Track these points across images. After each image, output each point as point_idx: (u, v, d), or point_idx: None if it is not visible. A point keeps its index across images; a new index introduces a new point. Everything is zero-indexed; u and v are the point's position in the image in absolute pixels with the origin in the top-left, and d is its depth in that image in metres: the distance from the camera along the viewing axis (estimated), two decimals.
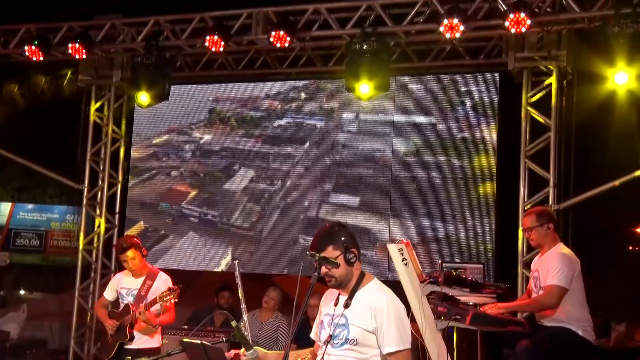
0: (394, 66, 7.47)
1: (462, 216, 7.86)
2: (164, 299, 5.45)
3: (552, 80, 7.05)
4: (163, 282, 5.74)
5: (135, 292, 5.74)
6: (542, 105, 7.16)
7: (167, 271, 6.05)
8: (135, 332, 5.65)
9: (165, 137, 9.32)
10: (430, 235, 7.92)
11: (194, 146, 9.27)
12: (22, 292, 12.17)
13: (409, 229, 8.00)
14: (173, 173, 9.35)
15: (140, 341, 5.66)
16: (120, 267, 8.40)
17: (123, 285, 5.86)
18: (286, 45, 7.17)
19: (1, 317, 9.41)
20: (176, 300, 5.50)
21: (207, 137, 9.25)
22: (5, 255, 10.68)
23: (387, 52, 7.05)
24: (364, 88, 6.95)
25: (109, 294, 5.97)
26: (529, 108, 7.19)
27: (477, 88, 7.86)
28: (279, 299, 7.30)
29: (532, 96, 7.20)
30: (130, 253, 5.68)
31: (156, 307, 5.59)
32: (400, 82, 8.16)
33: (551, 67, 7.03)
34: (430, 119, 8.12)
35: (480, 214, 7.63)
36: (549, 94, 7.10)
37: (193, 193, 9.19)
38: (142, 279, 5.78)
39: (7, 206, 13.54)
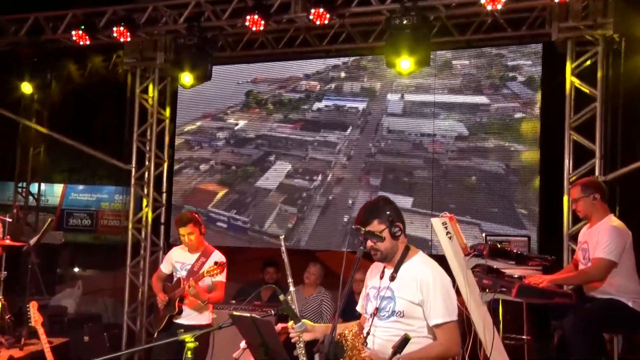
0: (434, 40, 7.35)
1: (533, 216, 7.15)
2: (211, 273, 5.46)
3: (598, 49, 6.85)
4: (216, 259, 5.72)
5: (189, 266, 5.76)
6: (587, 76, 6.96)
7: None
8: (184, 307, 5.69)
9: (198, 124, 9.16)
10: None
11: (228, 133, 8.99)
12: (76, 269, 12.46)
13: (477, 240, 6.86)
14: (202, 167, 9.07)
15: (190, 317, 5.71)
16: (168, 245, 8.61)
17: (178, 259, 5.89)
18: (325, 22, 7.11)
19: (59, 293, 9.64)
20: (221, 275, 5.52)
21: (242, 123, 8.94)
22: (60, 234, 10.92)
23: (427, 26, 6.93)
24: (405, 63, 6.85)
25: (165, 267, 6.03)
26: (573, 79, 7.00)
27: (525, 62, 7.53)
28: (319, 273, 7.32)
29: (577, 67, 7.00)
30: (188, 228, 5.70)
31: (206, 283, 5.63)
32: (443, 58, 7.91)
33: (597, 35, 6.82)
34: (482, 99, 7.65)
35: (525, 186, 7.44)
36: (595, 63, 6.90)
37: (221, 193, 8.87)
38: (197, 255, 5.80)
39: (59, 187, 13.85)
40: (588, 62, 6.95)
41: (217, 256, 5.78)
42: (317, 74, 8.67)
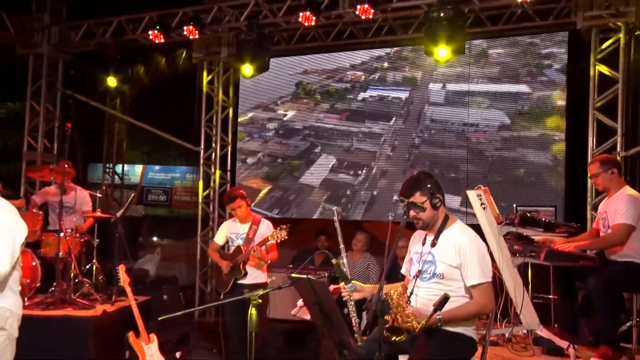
0: (469, 31, 7.23)
1: (559, 189, 6.57)
2: (275, 236, 5.54)
3: (620, 35, 6.63)
4: (266, 227, 5.83)
5: (244, 235, 5.84)
6: (610, 60, 6.75)
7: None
8: (248, 268, 5.80)
9: (250, 115, 8.99)
10: None
11: (278, 124, 8.75)
12: (155, 238, 12.69)
13: None
14: (250, 160, 8.88)
15: (253, 277, 5.80)
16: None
17: (232, 231, 5.96)
18: (370, 16, 7.06)
19: (141, 259, 9.87)
20: (285, 237, 5.61)
21: (290, 113, 8.70)
22: (141, 208, 11.21)
23: (462, 18, 6.81)
24: (442, 52, 6.77)
25: (219, 239, 6.09)
26: (597, 63, 6.80)
27: (559, 49, 7.20)
28: (366, 241, 7.31)
29: (600, 52, 6.79)
30: (237, 203, 5.80)
31: (264, 247, 5.73)
32: (479, 47, 7.66)
33: (619, 23, 6.61)
34: (522, 87, 7.22)
35: (552, 161, 7.26)
36: (617, 49, 6.68)
37: (265, 191, 8.56)
38: (248, 225, 5.88)
39: (139, 168, 14.12)
40: (611, 48, 6.73)
41: (267, 224, 5.88)
42: (362, 64, 8.52)
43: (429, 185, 3.44)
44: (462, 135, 7.52)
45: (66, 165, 6.90)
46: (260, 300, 3.38)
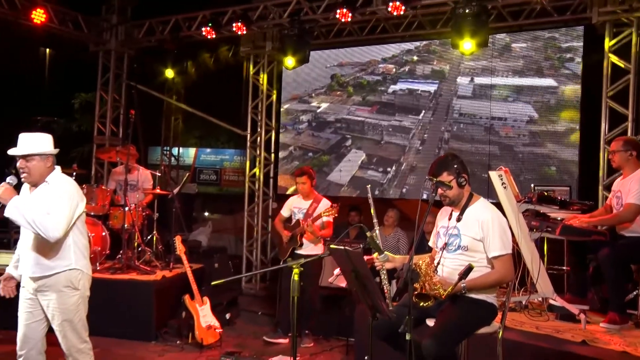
0: (492, 26, 7.07)
1: (574, 172, 6.16)
2: (326, 213, 5.71)
3: (633, 29, 6.42)
4: (324, 206, 5.96)
5: (305, 211, 6.02)
6: (622, 52, 6.56)
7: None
8: (304, 240, 5.97)
9: (287, 106, 8.86)
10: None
11: (311, 116, 8.54)
12: (206, 213, 12.88)
13: None
14: (281, 154, 8.69)
15: (308, 248, 5.96)
16: (276, 194, 8.81)
17: (295, 205, 6.17)
18: (401, 13, 6.97)
19: (195, 231, 10.02)
20: (336, 215, 5.70)
21: (324, 105, 8.48)
22: (194, 186, 11.36)
23: (485, 13, 6.67)
24: (467, 45, 6.66)
25: (285, 212, 6.28)
26: (610, 55, 6.61)
27: (578, 43, 6.93)
28: (396, 217, 7.31)
29: (614, 45, 6.60)
30: (303, 179, 6.00)
31: (319, 223, 5.87)
32: (503, 42, 7.42)
33: (632, 18, 6.40)
34: (548, 81, 6.87)
35: (567, 145, 7.10)
36: (629, 42, 6.49)
37: (292, 188, 8.20)
38: (310, 202, 6.05)
39: (192, 150, 14.30)
40: (623, 41, 6.54)
41: (326, 202, 6.01)
42: (393, 57, 8.37)
43: (455, 166, 3.44)
44: (491, 129, 7.28)
45: (131, 148, 7.05)
46: (302, 268, 3.42)
